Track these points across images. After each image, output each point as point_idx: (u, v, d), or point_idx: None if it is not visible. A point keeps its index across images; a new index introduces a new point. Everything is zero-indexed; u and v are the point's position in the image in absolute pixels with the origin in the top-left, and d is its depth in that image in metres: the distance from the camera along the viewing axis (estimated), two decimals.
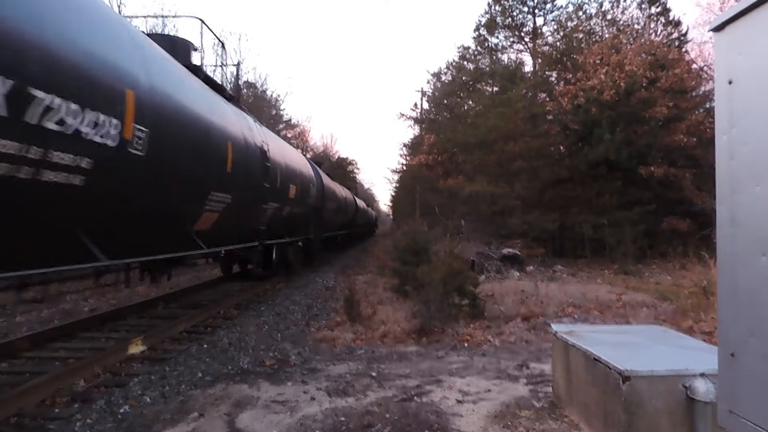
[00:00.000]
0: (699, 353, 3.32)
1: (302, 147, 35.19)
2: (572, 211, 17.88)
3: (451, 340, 6.28)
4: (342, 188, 22.33)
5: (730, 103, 1.83)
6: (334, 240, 21.15)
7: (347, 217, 22.49)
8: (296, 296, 10.03)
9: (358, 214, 27.45)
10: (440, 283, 6.90)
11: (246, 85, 28.22)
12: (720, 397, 1.91)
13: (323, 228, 15.98)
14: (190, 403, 4.13)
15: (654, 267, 14.85)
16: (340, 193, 20.29)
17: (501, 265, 13.08)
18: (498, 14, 25.62)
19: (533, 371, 4.99)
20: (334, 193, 18.40)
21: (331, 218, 17.45)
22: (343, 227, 22.66)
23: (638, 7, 23.16)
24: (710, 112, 17.22)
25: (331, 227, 18.26)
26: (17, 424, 3.70)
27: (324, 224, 15.94)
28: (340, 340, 6.29)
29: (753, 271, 1.69)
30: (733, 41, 1.81)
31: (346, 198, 22.08)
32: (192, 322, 7.21)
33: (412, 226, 11.02)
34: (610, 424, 3.06)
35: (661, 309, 8.17)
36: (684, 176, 17.14)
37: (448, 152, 23.07)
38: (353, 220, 25.52)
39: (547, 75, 23.65)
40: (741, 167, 1.77)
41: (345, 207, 21.29)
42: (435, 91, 31.58)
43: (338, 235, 21.73)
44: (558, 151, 20.03)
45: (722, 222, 1.86)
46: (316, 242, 15.40)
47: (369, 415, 3.85)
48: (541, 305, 8.28)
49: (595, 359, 3.29)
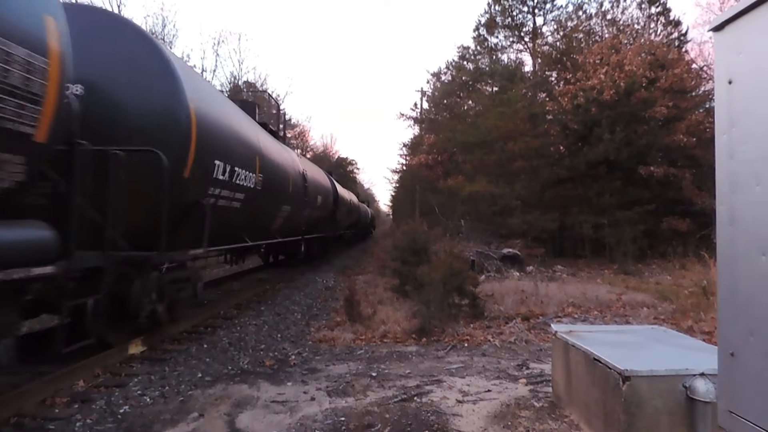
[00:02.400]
0: (699, 353, 3.32)
1: (302, 147, 35.18)
2: (572, 211, 17.87)
3: (451, 340, 6.28)
4: (349, 192, 25.65)
5: (730, 103, 1.83)
6: (342, 237, 24.07)
7: (352, 218, 25.89)
8: (296, 296, 10.03)
9: (355, 214, 28.56)
10: (440, 283, 6.90)
11: (246, 85, 28.25)
12: (720, 397, 1.91)
13: (336, 227, 19.65)
14: (190, 403, 4.13)
15: (654, 267, 14.85)
16: (349, 198, 23.93)
17: (501, 265, 13.08)
18: (498, 14, 25.64)
19: (533, 371, 4.99)
20: (344, 198, 21.55)
21: (342, 219, 20.83)
22: (351, 226, 26.14)
23: (638, 7, 23.20)
24: (710, 112, 17.23)
25: (341, 227, 21.64)
26: (17, 424, 3.69)
27: (337, 224, 19.53)
28: (340, 340, 6.30)
29: (753, 271, 1.69)
30: (733, 41, 1.81)
31: (351, 200, 24.97)
32: (192, 322, 7.21)
33: (412, 226, 11.03)
34: (610, 424, 3.06)
35: (661, 309, 8.18)
36: (684, 176, 17.15)
37: (448, 152, 23.07)
38: (357, 220, 28.69)
39: (547, 75, 23.65)
40: (741, 167, 1.77)
41: (353, 209, 24.89)
42: (435, 91, 31.59)
43: (345, 234, 24.54)
44: (558, 150, 20.02)
45: (722, 222, 1.87)
46: (333, 238, 19.46)
47: (369, 415, 3.85)
48: (541, 305, 8.29)
49: (595, 359, 3.29)
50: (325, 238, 17.59)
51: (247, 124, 8.22)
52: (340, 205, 19.04)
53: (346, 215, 21.94)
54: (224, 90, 25.06)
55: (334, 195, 17.79)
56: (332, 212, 17.40)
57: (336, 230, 19.73)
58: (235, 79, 27.42)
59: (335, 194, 17.96)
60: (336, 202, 17.96)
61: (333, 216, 17.67)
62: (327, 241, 18.44)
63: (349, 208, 22.89)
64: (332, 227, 18.29)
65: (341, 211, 19.55)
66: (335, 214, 18.00)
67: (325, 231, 16.95)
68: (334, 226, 18.52)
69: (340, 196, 19.29)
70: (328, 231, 17.41)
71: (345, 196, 21.92)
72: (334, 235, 19.86)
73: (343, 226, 21.99)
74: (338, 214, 18.74)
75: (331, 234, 18.40)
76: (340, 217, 19.76)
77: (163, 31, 21.56)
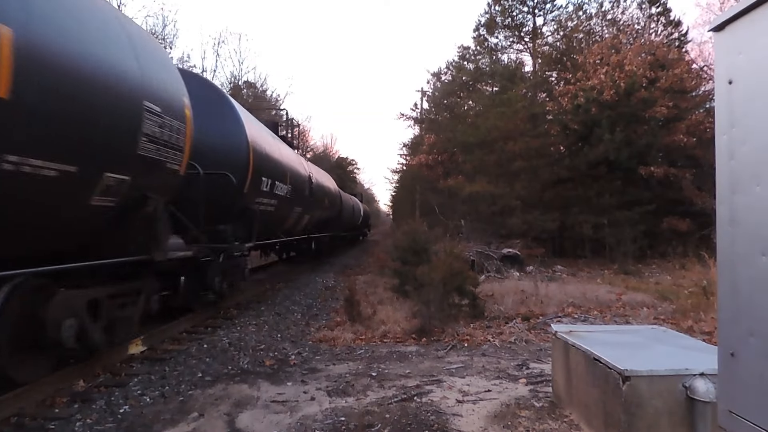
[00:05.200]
0: (699, 353, 3.32)
1: (302, 147, 35.13)
2: (572, 211, 17.86)
3: (451, 340, 6.28)
4: (347, 195, 26.62)
5: (730, 103, 1.83)
6: (344, 237, 25.26)
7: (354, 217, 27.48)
8: (296, 296, 10.03)
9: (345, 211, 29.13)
10: (440, 283, 6.89)
11: (246, 85, 28.26)
12: (720, 397, 1.91)
13: (342, 227, 21.25)
14: (190, 403, 4.13)
15: (654, 267, 14.84)
16: (350, 198, 25.37)
17: (501, 265, 13.08)
18: (498, 14, 25.64)
19: (533, 371, 4.99)
20: (347, 199, 23.13)
21: (347, 219, 22.64)
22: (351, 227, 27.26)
23: (638, 7, 23.22)
24: (710, 112, 17.23)
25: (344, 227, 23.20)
26: (17, 424, 3.69)
27: (343, 224, 21.15)
28: (340, 340, 6.29)
29: (753, 271, 1.69)
30: (733, 41, 1.81)
31: (352, 201, 26.13)
32: (192, 322, 7.20)
33: (412, 226, 11.01)
34: (610, 424, 3.06)
35: (661, 309, 8.17)
36: (684, 176, 17.13)
37: (448, 152, 23.07)
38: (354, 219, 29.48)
39: (547, 75, 23.67)
40: (741, 167, 1.77)
41: (354, 210, 26.32)
42: (435, 91, 31.59)
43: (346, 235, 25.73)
44: (558, 151, 20.02)
45: (722, 222, 1.87)
46: (337, 237, 20.87)
47: (369, 415, 3.85)
48: (541, 305, 8.29)
49: (595, 359, 3.29)
50: (332, 236, 19.40)
51: (280, 146, 10.62)
52: (345, 206, 20.78)
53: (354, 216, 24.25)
54: (224, 90, 24.98)
55: (339, 197, 19.68)
56: (338, 212, 19.28)
57: (341, 230, 21.37)
58: (236, 79, 27.44)
59: (339, 196, 19.80)
60: (341, 203, 19.92)
61: (338, 216, 19.48)
62: (334, 239, 20.27)
63: (354, 207, 25.08)
64: (338, 226, 19.96)
65: (345, 212, 21.43)
66: (340, 213, 19.88)
67: (332, 230, 18.57)
68: (339, 226, 20.28)
69: (344, 198, 21.34)
70: (332, 230, 18.93)
71: (345, 196, 22.69)
72: (338, 235, 21.22)
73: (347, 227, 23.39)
74: (343, 213, 20.73)
75: (336, 233, 20.05)
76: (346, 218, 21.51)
77: (164, 31, 21.55)
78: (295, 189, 10.73)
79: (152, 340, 6.01)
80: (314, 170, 14.97)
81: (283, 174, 9.76)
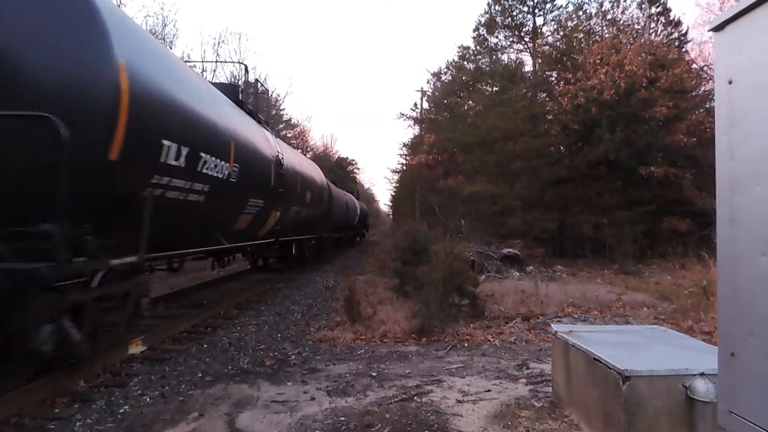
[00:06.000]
0: (699, 353, 3.32)
1: (302, 147, 35.16)
2: (572, 211, 17.86)
3: (451, 340, 6.28)
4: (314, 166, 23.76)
5: (730, 103, 1.83)
6: (337, 239, 22.81)
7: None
8: (296, 296, 10.03)
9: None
10: (440, 283, 6.90)
11: (246, 84, 28.23)
12: (720, 397, 1.91)
13: (332, 228, 18.33)
14: (190, 403, 4.13)
15: (654, 267, 14.84)
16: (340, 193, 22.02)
17: (501, 265, 13.08)
18: (498, 14, 25.62)
19: (533, 371, 4.99)
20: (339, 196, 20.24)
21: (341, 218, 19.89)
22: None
23: (638, 7, 23.20)
24: (710, 112, 17.22)
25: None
26: (17, 424, 3.69)
27: (333, 225, 18.37)
28: (340, 340, 6.29)
29: (753, 271, 1.69)
30: (733, 41, 1.81)
31: (346, 197, 23.24)
32: (192, 322, 7.20)
33: (412, 226, 11.02)
34: (610, 424, 3.06)
35: (661, 309, 8.17)
36: (684, 176, 17.13)
37: (448, 152, 23.07)
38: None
39: (547, 75, 23.65)
40: (741, 167, 1.77)
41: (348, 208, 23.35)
42: (435, 90, 31.59)
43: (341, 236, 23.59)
44: (558, 151, 20.02)
45: (722, 222, 1.87)
46: (327, 239, 18.00)
47: (369, 415, 3.85)
48: (541, 305, 8.28)
49: (595, 359, 3.29)
50: (320, 239, 16.49)
51: (223, 108, 6.89)
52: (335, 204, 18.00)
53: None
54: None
55: (328, 192, 16.88)
56: (328, 211, 16.50)
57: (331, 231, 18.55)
58: (236, 79, 27.39)
59: (329, 191, 16.99)
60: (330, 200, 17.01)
61: (328, 215, 16.84)
62: (322, 243, 17.20)
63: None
64: (327, 227, 17.17)
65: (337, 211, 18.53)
66: (330, 212, 17.13)
67: (316, 232, 15.61)
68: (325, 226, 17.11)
69: (335, 193, 18.44)
70: (319, 231, 16.07)
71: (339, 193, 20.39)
72: (327, 237, 18.29)
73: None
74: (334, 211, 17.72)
75: (322, 235, 16.89)
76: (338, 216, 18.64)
77: (164, 30, 21.53)
78: (246, 172, 7.28)
79: (152, 340, 6.01)
80: (288, 153, 11.31)
81: (219, 144, 6.19)
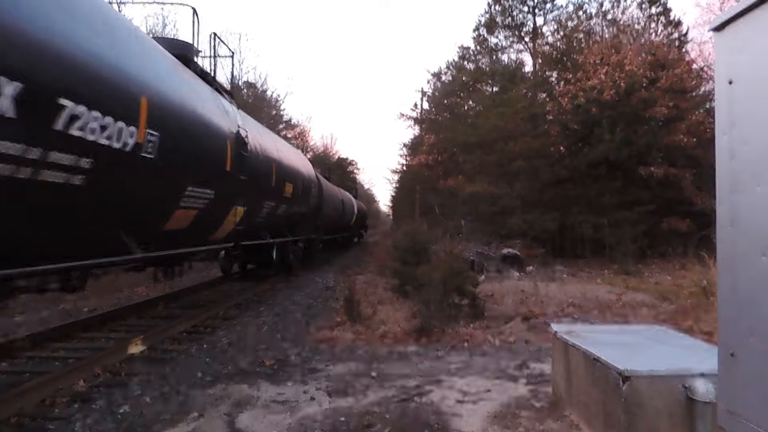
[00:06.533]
0: (699, 353, 3.32)
1: (302, 147, 35.17)
2: (572, 211, 17.86)
3: (451, 340, 6.27)
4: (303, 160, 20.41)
5: (730, 103, 1.83)
6: (332, 241, 21.51)
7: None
8: (296, 296, 10.03)
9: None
10: (440, 283, 6.90)
11: (246, 85, 28.27)
12: (720, 397, 1.91)
13: (324, 229, 16.34)
14: (190, 403, 4.13)
15: (654, 267, 14.84)
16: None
17: (501, 265, 13.08)
18: (498, 14, 25.61)
19: (533, 371, 4.99)
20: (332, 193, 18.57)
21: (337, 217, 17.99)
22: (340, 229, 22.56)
23: (638, 7, 23.15)
24: (710, 112, 17.21)
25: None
26: (17, 424, 3.69)
27: (326, 224, 16.45)
28: (340, 340, 6.29)
29: (753, 271, 1.69)
30: (733, 41, 1.81)
31: (341, 194, 21.55)
32: (192, 322, 7.21)
33: (413, 227, 11.02)
34: (610, 424, 3.06)
35: (661, 309, 8.17)
36: (684, 176, 17.12)
37: (448, 152, 23.08)
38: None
39: (547, 75, 23.62)
40: (741, 167, 1.77)
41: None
42: (435, 91, 31.56)
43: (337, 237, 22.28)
44: (558, 151, 20.00)
45: (722, 222, 1.86)
46: (318, 241, 15.88)
47: (369, 415, 3.85)
48: (541, 305, 8.28)
49: (595, 359, 3.29)
50: (310, 241, 14.53)
51: (132, 42, 4.95)
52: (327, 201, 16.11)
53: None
54: None
55: (319, 187, 14.75)
56: (318, 209, 14.52)
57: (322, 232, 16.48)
58: (235, 79, 27.42)
59: (319, 186, 14.83)
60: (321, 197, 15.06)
61: (318, 214, 14.87)
62: (311, 245, 15.06)
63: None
64: (318, 227, 15.20)
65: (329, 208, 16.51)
66: (320, 211, 15.09)
67: (304, 233, 13.74)
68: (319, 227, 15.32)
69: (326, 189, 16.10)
70: (308, 233, 14.21)
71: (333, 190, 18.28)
72: (318, 239, 15.91)
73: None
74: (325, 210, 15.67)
75: (311, 236, 14.80)
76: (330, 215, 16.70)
77: (163, 31, 21.54)
78: (175, 146, 5.27)
79: (152, 340, 6.02)
80: (259, 132, 9.04)
81: (115, 96, 4.23)
